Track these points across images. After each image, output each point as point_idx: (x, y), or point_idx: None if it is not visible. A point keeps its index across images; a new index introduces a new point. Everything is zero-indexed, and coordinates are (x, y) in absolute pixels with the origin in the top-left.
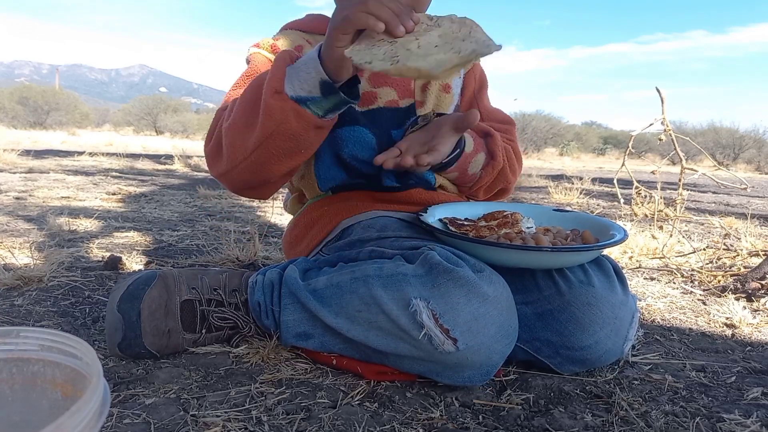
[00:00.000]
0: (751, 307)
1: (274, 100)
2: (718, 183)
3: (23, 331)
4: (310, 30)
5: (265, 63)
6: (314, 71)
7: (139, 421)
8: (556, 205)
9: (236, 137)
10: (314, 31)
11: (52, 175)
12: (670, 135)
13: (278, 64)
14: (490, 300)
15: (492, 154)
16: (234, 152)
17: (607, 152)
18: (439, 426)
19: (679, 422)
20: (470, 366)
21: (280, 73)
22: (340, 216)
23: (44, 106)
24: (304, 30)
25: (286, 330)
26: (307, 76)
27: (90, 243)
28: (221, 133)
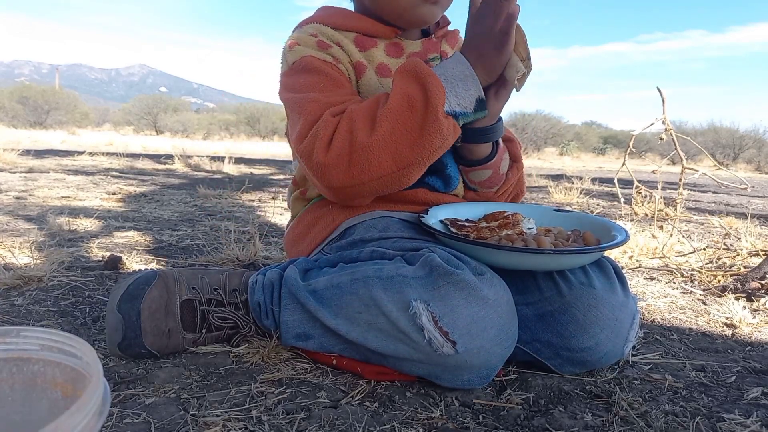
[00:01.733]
0: (751, 307)
1: (443, 118)
2: (718, 183)
3: (23, 331)
4: (333, 25)
5: (327, 66)
6: (473, 89)
7: (139, 420)
8: (556, 205)
9: (384, 153)
10: (339, 27)
11: (52, 174)
12: (671, 134)
13: (435, 80)
14: (490, 303)
15: (515, 157)
16: (377, 167)
17: (607, 152)
18: (439, 426)
19: (679, 422)
20: (469, 369)
21: (443, 89)
22: (343, 215)
23: (44, 106)
24: (328, 24)
25: (286, 330)
26: (466, 93)
27: (90, 243)
28: (353, 146)
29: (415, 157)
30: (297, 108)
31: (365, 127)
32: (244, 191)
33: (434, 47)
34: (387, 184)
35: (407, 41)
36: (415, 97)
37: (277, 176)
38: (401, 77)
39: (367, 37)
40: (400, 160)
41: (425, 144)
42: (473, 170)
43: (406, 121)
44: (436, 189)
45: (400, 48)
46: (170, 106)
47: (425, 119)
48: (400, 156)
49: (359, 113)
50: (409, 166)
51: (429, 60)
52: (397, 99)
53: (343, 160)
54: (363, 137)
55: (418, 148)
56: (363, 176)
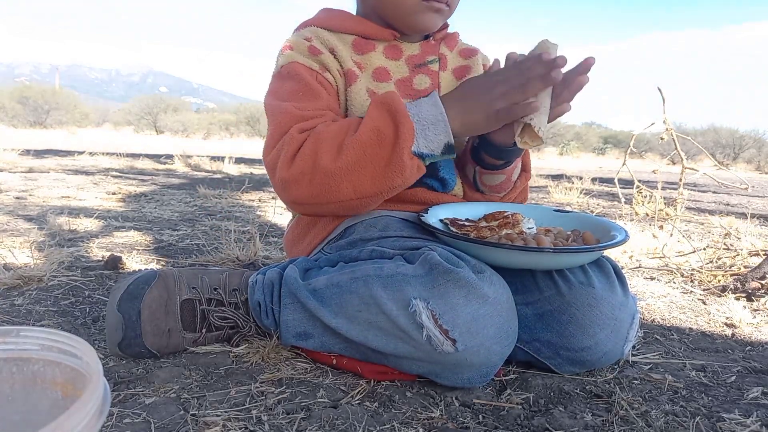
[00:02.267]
0: (751, 307)
1: (408, 159)
2: (718, 183)
3: (23, 331)
4: (332, 28)
5: (311, 75)
6: (443, 134)
7: (139, 420)
8: (556, 205)
9: (345, 181)
10: (337, 30)
11: (52, 174)
12: (671, 134)
13: (407, 122)
14: (490, 301)
15: (525, 167)
16: (336, 193)
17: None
18: (439, 425)
19: (679, 422)
20: (469, 367)
21: (412, 131)
22: (343, 215)
23: (44, 106)
24: (326, 28)
25: (286, 330)
26: (435, 138)
27: (90, 242)
28: (315, 168)
29: (375, 191)
30: (270, 116)
31: (330, 152)
32: (244, 191)
33: (432, 50)
34: (345, 208)
35: (406, 44)
36: (385, 134)
37: None
38: (376, 109)
39: (365, 39)
40: (359, 190)
41: (387, 181)
42: (488, 173)
43: (372, 155)
44: (434, 189)
45: (398, 50)
46: (170, 106)
47: (391, 157)
48: (360, 187)
49: (327, 135)
50: (367, 197)
51: (427, 63)
52: (367, 131)
53: (305, 179)
54: (327, 162)
55: (379, 183)
56: (321, 198)
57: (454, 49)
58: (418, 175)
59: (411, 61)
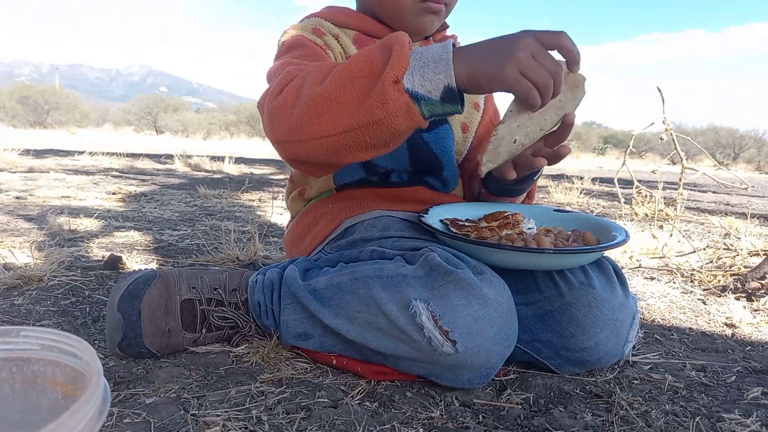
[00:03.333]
0: (751, 307)
1: (392, 89)
2: (718, 183)
3: (23, 331)
4: (335, 22)
5: (316, 46)
6: (444, 74)
7: (139, 420)
8: (556, 205)
9: (326, 111)
10: (341, 24)
11: (52, 174)
12: (671, 134)
13: (402, 50)
14: (490, 302)
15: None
16: (317, 126)
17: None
18: (439, 425)
19: (679, 422)
20: (469, 368)
21: (405, 61)
22: (343, 215)
23: (44, 106)
24: (330, 20)
25: (286, 330)
26: (434, 77)
27: (90, 242)
28: (299, 96)
29: (354, 123)
30: (272, 75)
31: (317, 80)
32: (244, 191)
33: None
34: (327, 149)
35: None
36: (375, 61)
37: (277, 176)
38: (377, 44)
39: (366, 36)
40: (339, 121)
41: (366, 110)
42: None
43: (357, 82)
44: (435, 188)
45: None
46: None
47: (374, 85)
48: (339, 117)
49: (318, 67)
50: (347, 132)
51: None
52: (358, 58)
53: (287, 110)
54: (310, 88)
55: (358, 113)
56: (302, 132)
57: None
58: (408, 120)
59: None
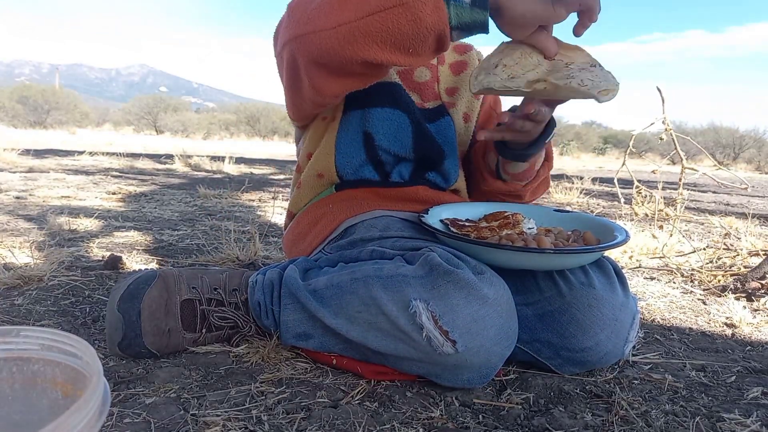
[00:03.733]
0: (751, 307)
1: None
2: (718, 182)
3: (23, 331)
4: None
5: None
6: None
7: (140, 420)
8: (556, 205)
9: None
10: None
11: (52, 174)
12: (671, 134)
13: None
14: (490, 302)
15: (547, 155)
16: (338, 14)
17: (607, 152)
18: (439, 425)
19: (679, 422)
20: (469, 368)
21: None
22: (344, 215)
23: (44, 106)
24: None
25: (286, 330)
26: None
27: (90, 242)
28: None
29: (378, 5)
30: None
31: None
32: (244, 191)
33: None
34: (342, 38)
35: None
36: None
37: (277, 176)
38: None
39: None
40: (362, 7)
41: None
42: (512, 163)
43: None
44: (436, 185)
45: None
46: (170, 105)
47: None
48: (364, 3)
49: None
50: (369, 16)
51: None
52: None
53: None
54: None
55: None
56: (320, 22)
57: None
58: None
59: None
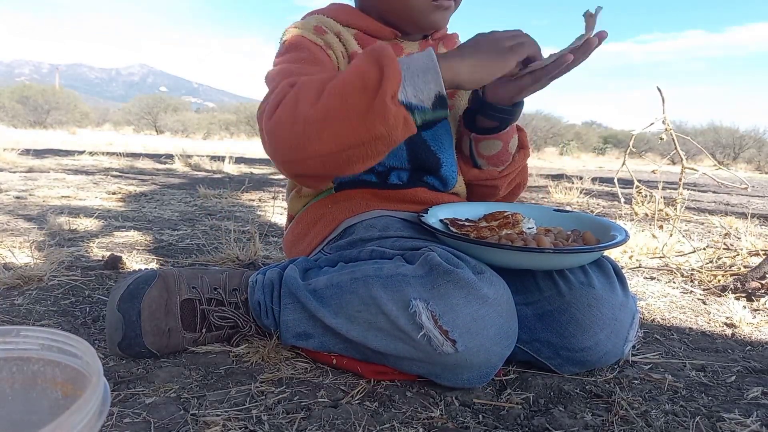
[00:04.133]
0: (751, 307)
1: (392, 104)
2: (718, 182)
3: (23, 330)
4: (340, 21)
5: (315, 48)
6: (434, 83)
7: (140, 420)
8: (556, 205)
9: (325, 130)
10: (342, 23)
11: (52, 174)
12: (671, 134)
13: (394, 65)
14: (490, 302)
15: (522, 144)
16: (318, 144)
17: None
18: (439, 425)
19: (679, 422)
20: (469, 367)
21: (399, 75)
22: (343, 215)
23: (44, 106)
24: (332, 18)
25: (286, 330)
26: (425, 87)
27: (90, 242)
28: (295, 116)
29: (356, 140)
30: (270, 80)
31: (311, 98)
32: (244, 191)
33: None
34: (329, 165)
35: (406, 42)
36: (368, 77)
37: (277, 176)
38: (363, 55)
39: (367, 36)
40: (340, 140)
41: (368, 127)
42: (484, 140)
43: (353, 99)
44: (435, 188)
45: (399, 48)
46: (170, 105)
47: (373, 101)
48: (340, 135)
49: (310, 83)
50: (349, 149)
51: None
52: (350, 74)
53: (285, 128)
54: (306, 107)
55: (360, 131)
56: (302, 150)
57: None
58: (405, 131)
59: None
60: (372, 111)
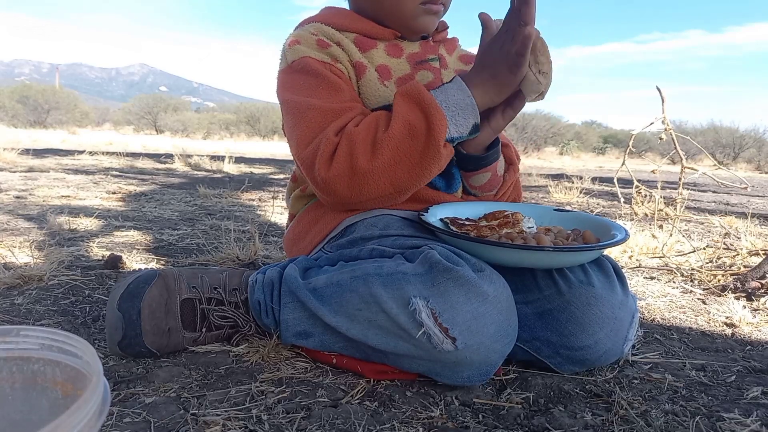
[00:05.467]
0: (751, 307)
1: (444, 149)
2: (718, 182)
3: (23, 330)
4: (334, 26)
5: (325, 68)
6: (471, 116)
7: (140, 420)
8: (556, 204)
9: (384, 178)
10: (340, 28)
11: (52, 174)
12: (671, 134)
13: (437, 111)
14: (490, 299)
15: (510, 161)
16: (375, 189)
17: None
18: (439, 425)
19: (679, 421)
20: (469, 365)
21: (444, 121)
22: (344, 213)
23: (44, 105)
24: (329, 25)
25: (286, 329)
26: (465, 122)
27: (90, 242)
28: (353, 168)
29: (413, 182)
30: (296, 112)
31: (366, 152)
32: (244, 190)
33: (432, 50)
34: (384, 201)
35: (406, 42)
36: (417, 126)
37: (277, 175)
38: (404, 102)
39: (367, 38)
40: (398, 184)
41: (424, 171)
42: (473, 175)
43: (407, 148)
44: (436, 187)
45: (399, 49)
46: (170, 105)
47: (426, 149)
48: (398, 181)
49: (360, 136)
50: (407, 189)
51: (428, 60)
52: (399, 126)
53: (344, 180)
54: (364, 162)
55: (417, 175)
56: (361, 196)
57: (453, 54)
58: (449, 158)
59: (412, 59)
60: (426, 157)
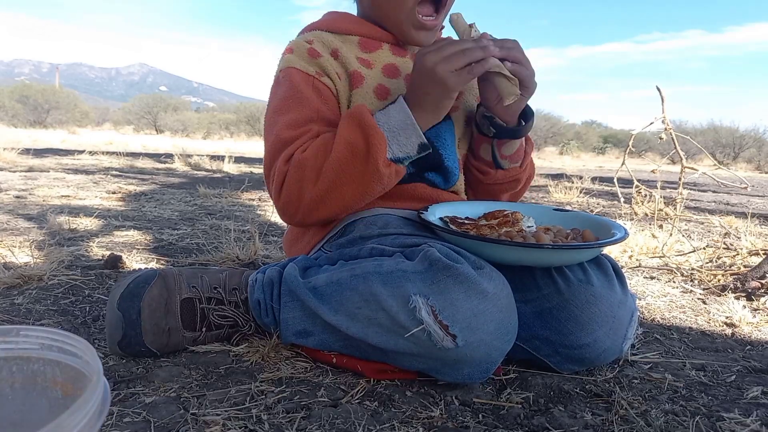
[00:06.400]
0: (751, 306)
1: (385, 168)
2: (718, 182)
3: (23, 330)
4: (337, 30)
5: (305, 81)
6: (414, 136)
7: (139, 419)
8: (556, 204)
9: (331, 199)
10: (343, 32)
11: (52, 173)
12: (671, 134)
13: (375, 132)
14: (490, 297)
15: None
16: (327, 210)
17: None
18: (439, 425)
19: (678, 421)
20: (469, 363)
21: (383, 141)
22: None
23: (44, 105)
24: (331, 30)
25: (286, 328)
26: (407, 141)
27: (90, 242)
28: (301, 196)
29: (358, 200)
30: (266, 131)
31: (311, 179)
32: (244, 190)
33: None
34: (338, 215)
35: (409, 45)
36: (357, 146)
37: None
38: (347, 124)
39: (372, 40)
40: (344, 203)
41: (367, 190)
42: (506, 143)
43: (349, 169)
44: (435, 185)
45: (403, 52)
46: (170, 105)
47: (366, 168)
48: (344, 200)
49: (306, 163)
50: (353, 206)
51: None
52: (340, 148)
53: (293, 206)
54: (309, 188)
55: (361, 194)
56: (313, 216)
57: None
58: (398, 177)
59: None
60: (367, 175)
